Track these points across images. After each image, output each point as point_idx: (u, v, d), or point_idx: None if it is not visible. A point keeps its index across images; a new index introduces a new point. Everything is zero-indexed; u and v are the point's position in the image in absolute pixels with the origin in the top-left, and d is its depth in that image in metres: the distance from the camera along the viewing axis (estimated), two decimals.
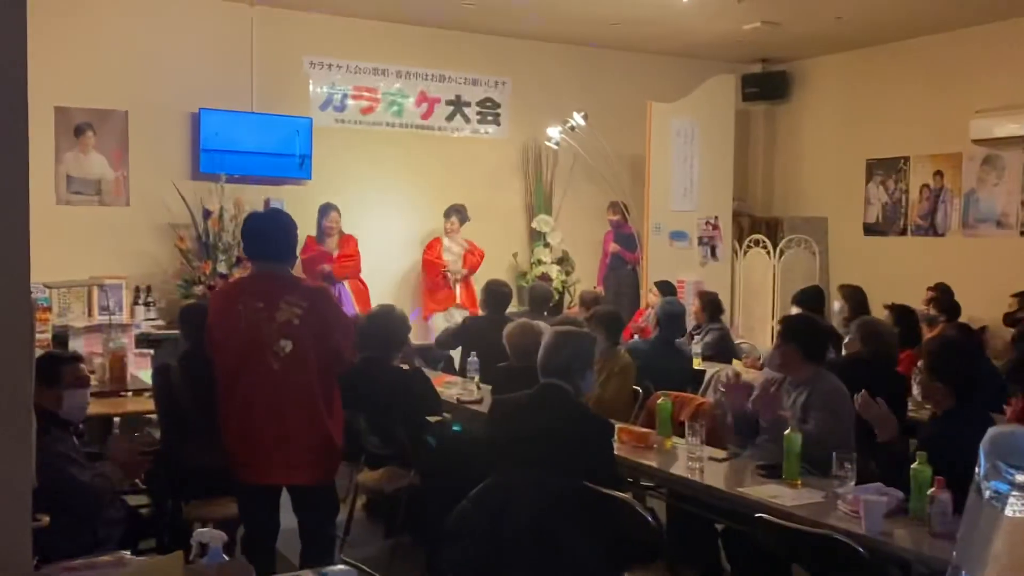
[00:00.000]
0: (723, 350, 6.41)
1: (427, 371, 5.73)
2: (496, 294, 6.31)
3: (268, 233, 3.53)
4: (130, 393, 5.25)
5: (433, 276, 8.09)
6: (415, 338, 6.27)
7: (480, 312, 6.95)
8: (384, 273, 8.18)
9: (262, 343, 3.36)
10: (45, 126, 6.92)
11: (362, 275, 7.68)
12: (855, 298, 6.29)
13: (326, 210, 7.53)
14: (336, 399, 3.55)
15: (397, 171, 8.38)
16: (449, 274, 8.02)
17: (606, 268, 8.82)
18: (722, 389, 4.03)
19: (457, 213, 8.11)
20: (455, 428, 4.17)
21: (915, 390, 4.59)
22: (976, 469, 1.40)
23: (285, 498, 3.58)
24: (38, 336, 5.61)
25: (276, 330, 3.36)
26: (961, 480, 1.70)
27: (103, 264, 6.97)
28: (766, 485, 3.35)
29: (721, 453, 3.84)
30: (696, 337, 6.47)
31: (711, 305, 6.72)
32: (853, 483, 3.14)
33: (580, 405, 3.56)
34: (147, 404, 4.87)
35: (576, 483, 3.16)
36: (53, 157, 7.05)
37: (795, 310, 6.29)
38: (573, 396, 3.44)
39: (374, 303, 7.26)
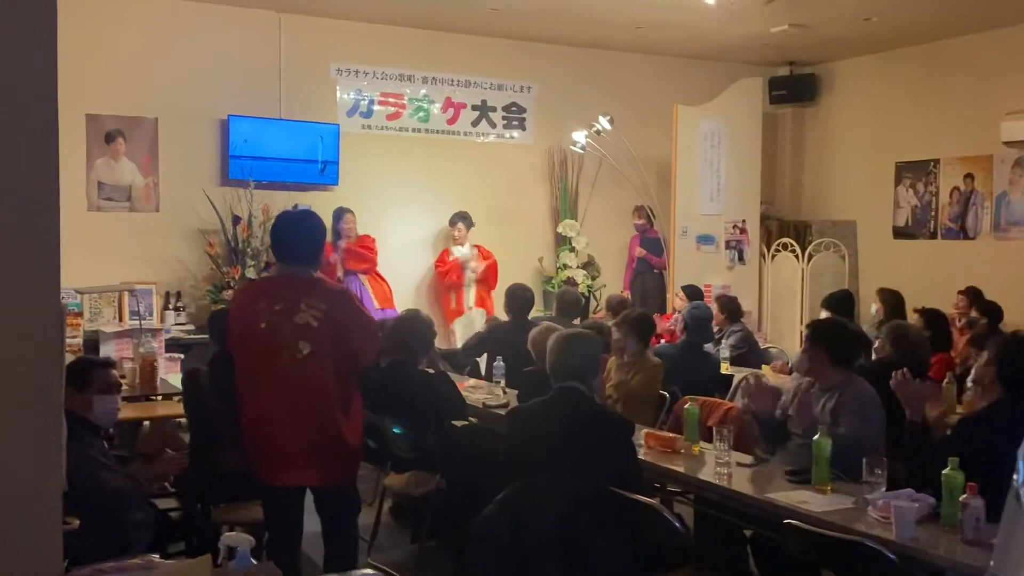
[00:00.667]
0: (749, 353, 6.37)
1: (453, 376, 5.76)
2: (519, 299, 6.30)
3: (294, 234, 3.54)
4: (160, 397, 5.29)
5: (446, 280, 8.08)
6: (445, 344, 6.29)
7: (503, 317, 6.96)
8: (408, 278, 8.21)
9: (280, 344, 3.37)
10: (76, 133, 7.01)
11: (386, 278, 7.72)
12: (892, 302, 6.23)
13: (340, 213, 7.60)
14: (355, 402, 3.55)
15: (423, 176, 8.41)
16: (469, 271, 8.01)
17: (632, 272, 8.80)
18: (744, 393, 4.00)
19: (463, 220, 8.13)
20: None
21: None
22: (1015, 476, 1.37)
23: (310, 501, 3.60)
24: (69, 341, 5.68)
25: (294, 332, 3.36)
26: (993, 477, 1.66)
27: (134, 269, 7.04)
28: (795, 491, 3.32)
29: (749, 458, 3.80)
30: (723, 341, 6.43)
31: (729, 308, 6.69)
32: (884, 489, 3.10)
33: (598, 405, 3.55)
34: (177, 408, 4.91)
35: (600, 486, 3.15)
36: (84, 164, 7.14)
37: (824, 314, 6.24)
38: (590, 397, 3.43)
39: (398, 305, 7.31)
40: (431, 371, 4.58)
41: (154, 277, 7.21)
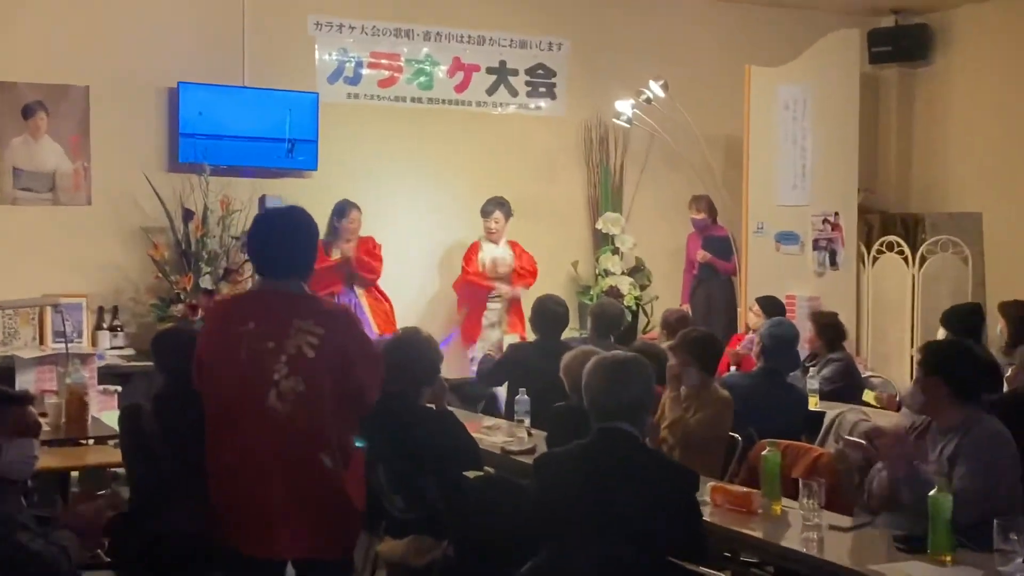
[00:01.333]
0: (847, 386, 6.33)
1: (464, 412, 5.76)
2: (549, 315, 6.30)
3: (281, 239, 3.52)
4: (91, 441, 5.32)
5: (474, 295, 8.09)
6: (450, 371, 6.28)
7: (529, 337, 6.95)
8: (408, 288, 8.22)
9: (265, 378, 3.37)
10: None
11: (382, 287, 7.75)
12: (1020, 319, 6.18)
13: (345, 209, 7.61)
14: (356, 452, 3.57)
15: (424, 159, 8.43)
16: (498, 298, 8.00)
17: (693, 280, 8.77)
18: (849, 437, 3.98)
19: (500, 207, 8.11)
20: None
21: None
22: None
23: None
24: None
25: (285, 363, 3.36)
26: None
27: (58, 278, 7.09)
28: (906, 562, 3.31)
29: (846, 520, 3.80)
30: (812, 370, 6.40)
31: (830, 330, 6.65)
32: (1022, 560, 3.07)
33: (654, 452, 3.54)
34: (113, 455, 4.93)
35: (656, 557, 3.14)
36: None
37: (942, 334, 6.19)
38: (641, 442, 3.43)
39: (399, 325, 7.29)
40: (433, 407, 4.58)
41: (84, 288, 7.25)
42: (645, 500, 3.24)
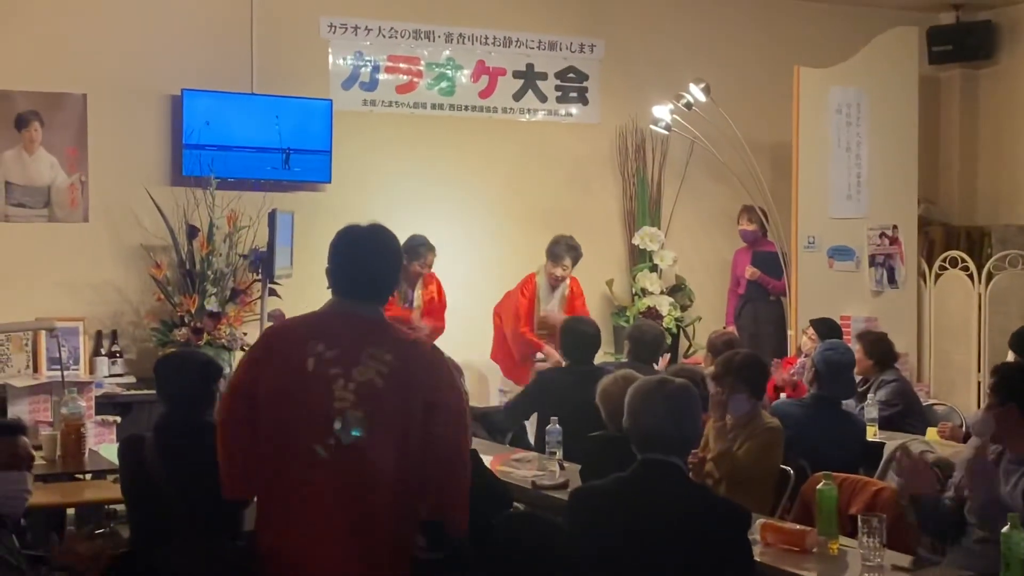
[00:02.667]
0: (906, 411, 6.29)
1: (490, 445, 5.74)
2: (580, 337, 6.29)
3: (370, 255, 3.46)
4: (89, 476, 5.33)
5: (519, 349, 7.90)
6: (476, 399, 6.27)
7: (560, 363, 6.92)
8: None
9: (329, 409, 3.25)
10: None
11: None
12: None
13: (419, 251, 7.46)
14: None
15: (446, 170, 8.46)
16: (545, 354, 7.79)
17: (738, 300, 8.72)
18: (894, 472, 3.98)
19: (571, 252, 7.80)
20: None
21: None
22: None
23: None
24: None
25: (352, 392, 3.25)
26: None
27: (53, 301, 7.15)
28: None
29: (909, 559, 3.77)
30: (869, 396, 6.37)
31: (881, 346, 6.61)
32: None
33: (701, 488, 3.52)
34: (112, 491, 4.94)
35: None
36: None
37: (1012, 358, 6.14)
38: (689, 477, 3.41)
39: None
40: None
41: (81, 311, 7.30)
42: (692, 539, 3.22)
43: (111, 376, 7.18)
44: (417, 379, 3.31)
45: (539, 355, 7.79)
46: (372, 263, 3.46)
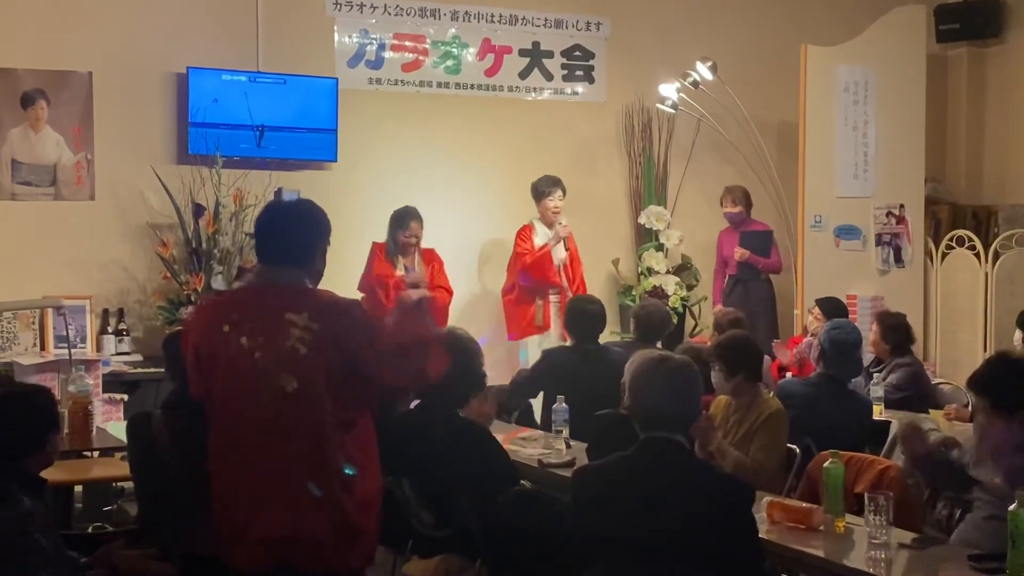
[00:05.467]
0: (917, 395, 6.30)
1: (497, 423, 5.75)
2: (584, 315, 6.30)
3: (284, 223, 3.58)
4: (96, 454, 5.36)
5: (535, 276, 7.95)
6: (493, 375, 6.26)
7: (563, 341, 6.95)
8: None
9: (256, 379, 3.39)
10: None
11: None
12: None
13: (404, 220, 7.49)
14: (368, 459, 3.54)
15: (452, 148, 8.45)
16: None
17: (728, 281, 8.64)
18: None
19: (558, 184, 7.97)
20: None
21: None
22: None
23: None
24: None
25: (277, 361, 3.38)
26: None
27: (60, 279, 7.16)
28: None
29: (915, 538, 3.79)
30: (876, 376, 6.37)
31: (898, 332, 6.61)
32: None
33: (705, 464, 3.54)
34: (119, 468, 4.97)
35: None
36: None
37: (1019, 337, 6.14)
38: (693, 453, 3.43)
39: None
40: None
41: (88, 289, 7.31)
42: (696, 516, 3.24)
43: (118, 354, 7.19)
44: (341, 339, 3.40)
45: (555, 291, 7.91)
46: (281, 228, 3.57)
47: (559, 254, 8.00)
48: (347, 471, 3.45)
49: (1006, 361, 4.28)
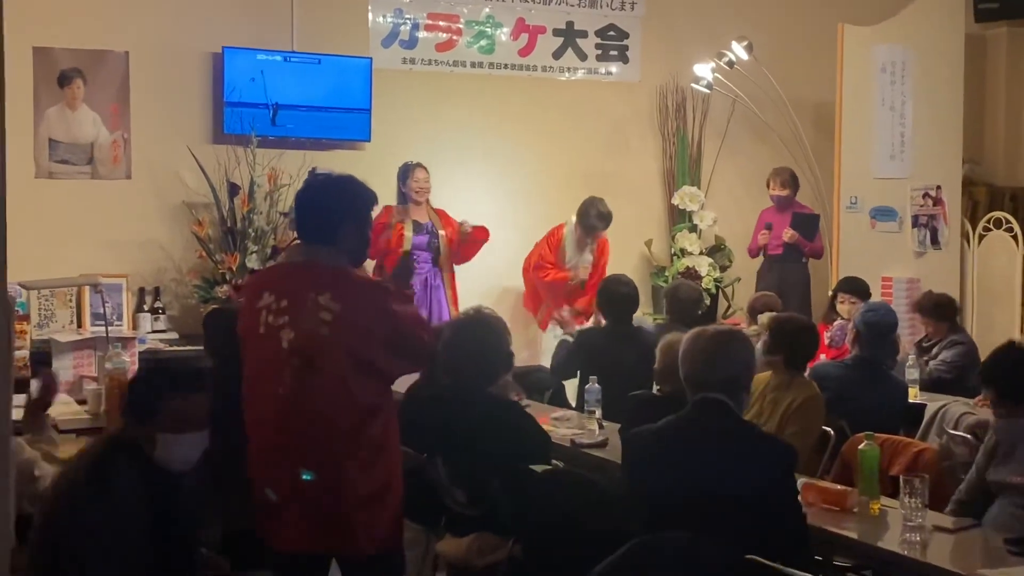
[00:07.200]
0: (962, 377, 6.27)
1: (532, 403, 5.76)
2: (616, 297, 6.31)
3: (320, 199, 3.57)
4: None
5: (548, 291, 8.01)
6: (525, 359, 6.31)
7: (596, 322, 6.94)
8: (468, 268, 8.23)
9: (280, 358, 3.42)
10: (20, 74, 7.18)
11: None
12: None
13: (409, 170, 7.69)
14: (387, 437, 3.56)
15: (485, 129, 8.45)
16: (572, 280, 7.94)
17: (764, 263, 8.58)
18: (954, 431, 4.00)
19: (605, 221, 7.85)
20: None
21: None
22: None
23: None
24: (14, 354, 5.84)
25: (299, 341, 3.39)
26: None
27: (97, 257, 7.21)
28: (1020, 567, 3.30)
29: (952, 521, 3.78)
30: (914, 355, 6.35)
31: (947, 308, 6.59)
32: None
33: (750, 425, 3.59)
34: None
35: (751, 539, 3.17)
36: (31, 115, 7.31)
37: None
38: (738, 414, 3.51)
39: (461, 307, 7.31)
40: (516, 398, 4.60)
41: (124, 268, 7.36)
42: (741, 475, 3.31)
43: (154, 332, 7.23)
44: (363, 321, 3.41)
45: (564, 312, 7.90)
46: (314, 205, 3.56)
47: (581, 275, 7.99)
48: (366, 453, 3.48)
49: (1014, 351, 4.28)
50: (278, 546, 3.55)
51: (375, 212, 3.85)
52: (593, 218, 7.84)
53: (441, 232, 7.69)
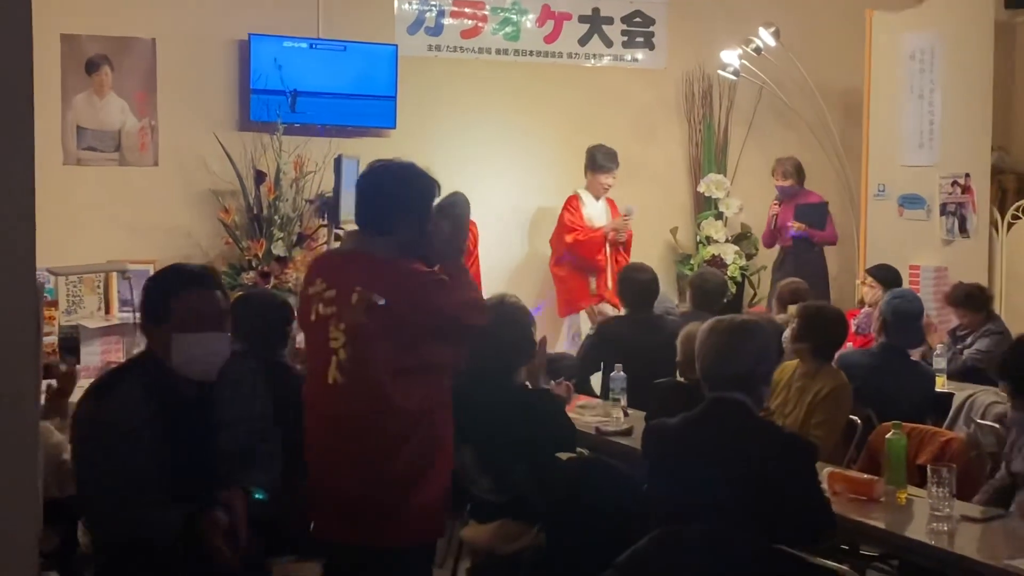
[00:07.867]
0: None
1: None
2: (637, 285, 6.29)
3: (379, 185, 3.50)
4: None
5: (583, 258, 8.04)
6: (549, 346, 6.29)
7: (617, 312, 6.94)
8: (493, 255, 8.23)
9: (327, 349, 3.40)
10: (48, 61, 7.23)
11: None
12: None
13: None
14: (440, 431, 3.51)
15: (511, 116, 8.46)
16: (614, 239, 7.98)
17: (779, 252, 8.54)
18: (981, 420, 3.98)
19: (614, 158, 8.03)
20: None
21: None
22: None
23: None
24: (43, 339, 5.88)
25: (343, 332, 3.37)
26: None
27: (124, 244, 7.26)
28: None
29: (979, 510, 3.76)
30: (939, 347, 6.31)
31: (979, 298, 6.53)
32: None
33: (767, 423, 3.54)
34: None
35: (771, 536, 3.15)
36: (59, 102, 7.36)
37: None
38: (755, 413, 3.47)
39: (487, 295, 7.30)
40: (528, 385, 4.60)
41: (151, 254, 7.38)
42: (758, 473, 3.27)
43: None
44: (408, 317, 3.34)
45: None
46: (369, 193, 3.50)
47: (618, 237, 8.03)
48: (411, 447, 3.42)
49: None
50: (321, 536, 3.55)
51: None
52: (601, 158, 7.99)
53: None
